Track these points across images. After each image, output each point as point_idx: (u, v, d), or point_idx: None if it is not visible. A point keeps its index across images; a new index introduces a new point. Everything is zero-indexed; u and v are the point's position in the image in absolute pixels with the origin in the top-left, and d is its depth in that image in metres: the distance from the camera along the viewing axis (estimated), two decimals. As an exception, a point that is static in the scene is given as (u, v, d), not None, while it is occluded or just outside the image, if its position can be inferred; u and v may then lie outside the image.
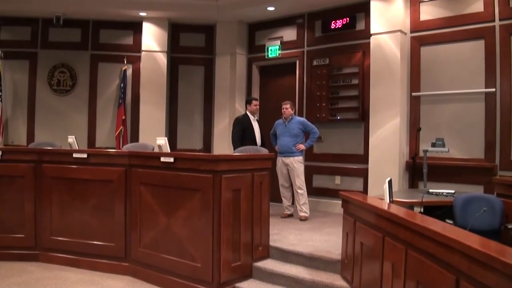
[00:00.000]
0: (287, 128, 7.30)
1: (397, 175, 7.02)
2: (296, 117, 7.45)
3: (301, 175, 7.19)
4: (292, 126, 7.26)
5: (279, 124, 7.46)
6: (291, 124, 7.29)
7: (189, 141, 9.72)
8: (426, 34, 7.14)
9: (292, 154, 7.18)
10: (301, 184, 7.15)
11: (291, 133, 7.24)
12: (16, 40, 9.48)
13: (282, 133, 7.33)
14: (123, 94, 9.41)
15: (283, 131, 7.32)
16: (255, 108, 7.63)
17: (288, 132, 7.26)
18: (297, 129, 7.26)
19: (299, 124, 7.30)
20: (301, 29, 8.75)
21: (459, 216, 4.39)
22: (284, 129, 7.32)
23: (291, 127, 7.27)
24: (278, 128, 7.44)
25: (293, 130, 7.24)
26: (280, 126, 7.41)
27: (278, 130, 7.42)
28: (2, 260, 5.79)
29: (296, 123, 7.29)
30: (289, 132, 7.25)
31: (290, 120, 7.32)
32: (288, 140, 7.22)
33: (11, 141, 9.36)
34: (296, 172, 7.15)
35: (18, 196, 5.96)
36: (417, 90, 7.20)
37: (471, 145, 6.67)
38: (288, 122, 7.31)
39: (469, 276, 2.30)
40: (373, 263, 3.67)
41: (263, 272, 5.06)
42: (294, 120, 7.33)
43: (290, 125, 7.29)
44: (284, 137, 7.28)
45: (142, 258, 5.34)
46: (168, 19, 9.42)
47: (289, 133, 7.24)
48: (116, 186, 5.58)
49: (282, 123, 7.41)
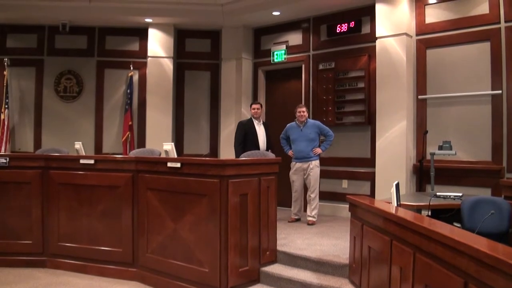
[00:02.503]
0: (303, 133, 7.06)
1: (404, 178, 7.00)
2: (310, 120, 7.22)
3: (318, 179, 7.08)
4: (309, 131, 7.04)
5: (293, 128, 7.18)
6: (307, 129, 7.06)
7: (195, 146, 9.73)
8: (432, 36, 7.13)
9: (310, 159, 7.01)
10: (316, 188, 7.03)
11: (307, 137, 7.02)
12: (23, 47, 9.54)
13: (297, 138, 7.08)
14: (129, 100, 9.44)
15: (298, 136, 7.07)
16: (254, 112, 7.55)
17: (304, 137, 7.03)
18: (314, 133, 7.06)
19: (315, 127, 7.09)
20: (306, 33, 8.76)
21: (466, 219, 4.37)
22: (300, 133, 7.07)
23: (307, 132, 7.05)
24: (293, 133, 7.16)
25: (310, 134, 7.03)
26: (295, 131, 7.14)
27: (293, 135, 7.15)
28: (9, 266, 5.80)
29: (312, 127, 7.08)
30: (306, 136, 7.03)
31: (305, 124, 7.08)
32: (305, 144, 7.01)
33: (18, 148, 9.40)
34: (314, 177, 7.00)
35: (25, 202, 5.97)
36: (423, 93, 7.19)
37: (478, 148, 6.65)
38: (304, 126, 7.07)
39: (477, 279, 2.29)
40: (381, 267, 3.66)
41: (270, 276, 5.05)
42: (309, 123, 7.11)
43: (305, 129, 7.06)
44: (300, 142, 7.04)
45: (150, 263, 5.34)
46: (174, 25, 9.45)
47: (306, 138, 7.02)
48: (123, 192, 5.59)
49: (296, 127, 7.14)
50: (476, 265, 2.29)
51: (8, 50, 9.48)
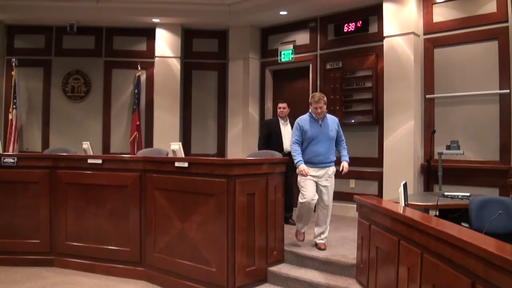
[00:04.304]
0: (322, 129, 5.48)
1: (412, 178, 6.97)
2: (329, 115, 5.65)
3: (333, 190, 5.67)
4: (329, 128, 5.51)
5: (309, 123, 5.50)
6: (326, 125, 5.51)
7: (203, 146, 9.74)
8: (439, 36, 7.10)
9: (329, 164, 5.52)
10: (331, 202, 5.62)
11: (328, 136, 5.49)
12: (30, 48, 9.60)
13: (317, 135, 5.44)
14: (137, 100, 9.47)
15: (317, 133, 5.44)
16: (280, 111, 7.07)
17: (324, 135, 5.47)
18: (334, 130, 5.57)
19: (335, 124, 5.60)
20: (314, 32, 8.75)
21: (474, 219, 4.35)
22: (319, 130, 5.46)
23: (328, 128, 5.50)
24: (310, 129, 5.47)
25: (331, 131, 5.51)
26: (312, 126, 5.48)
27: (311, 132, 5.45)
28: (17, 266, 5.83)
29: (332, 123, 5.57)
30: (326, 134, 5.48)
31: (324, 118, 5.52)
32: (327, 145, 5.47)
33: (26, 148, 9.46)
34: (331, 187, 5.58)
35: (33, 202, 6.00)
36: (431, 92, 7.16)
37: (486, 147, 6.61)
38: (322, 121, 5.50)
39: (485, 279, 2.28)
40: (389, 267, 3.66)
41: (278, 276, 5.06)
42: (328, 118, 5.57)
43: (325, 125, 5.51)
44: (320, 141, 5.44)
45: (157, 262, 5.35)
46: (181, 25, 9.46)
47: (327, 136, 5.48)
48: (131, 191, 5.60)
49: (314, 122, 5.49)
50: (483, 265, 2.28)
51: (16, 50, 9.55)
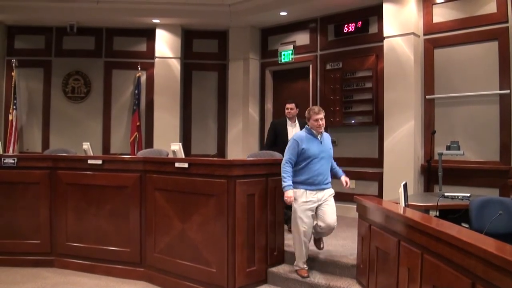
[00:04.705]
0: (323, 146, 4.98)
1: (412, 178, 6.97)
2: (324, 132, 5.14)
3: None
4: (328, 145, 5.09)
5: (308, 140, 4.90)
6: (325, 142, 5.06)
7: (203, 146, 9.74)
8: (440, 36, 7.10)
9: (329, 185, 5.05)
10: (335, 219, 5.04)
11: (329, 153, 5.04)
12: (31, 48, 9.59)
13: (317, 153, 4.87)
14: (137, 101, 9.47)
15: (318, 151, 4.89)
16: (287, 112, 6.73)
17: (326, 152, 4.98)
18: (331, 147, 5.16)
19: (329, 140, 5.19)
20: (314, 33, 8.75)
21: (474, 220, 4.35)
22: (320, 147, 4.93)
23: (327, 145, 5.07)
24: (311, 146, 4.87)
25: (330, 149, 5.09)
26: (313, 143, 4.90)
27: (312, 149, 4.86)
28: (17, 266, 5.83)
29: (328, 139, 5.16)
30: (327, 152, 5.02)
31: (322, 134, 5.03)
32: (327, 163, 5.02)
33: (26, 148, 9.46)
34: (333, 207, 5.03)
35: (33, 203, 6.00)
36: (431, 92, 7.16)
37: (486, 148, 6.61)
38: (322, 136, 5.01)
39: (485, 280, 2.29)
40: (389, 267, 3.66)
41: (278, 277, 5.05)
42: (324, 134, 5.10)
43: (324, 142, 5.04)
44: (321, 159, 4.90)
45: (157, 263, 5.35)
46: (181, 25, 9.46)
47: (327, 153, 5.01)
48: (131, 192, 5.60)
49: (313, 139, 4.93)
50: (484, 265, 2.29)
51: (16, 51, 9.55)
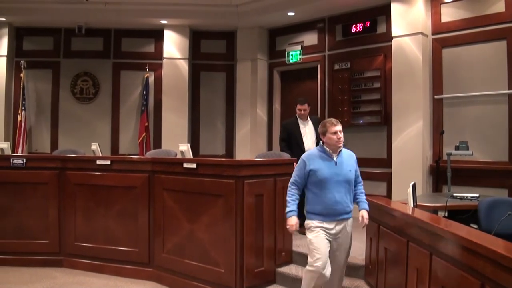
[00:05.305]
0: (339, 169, 3.97)
1: (421, 179, 6.94)
2: (344, 149, 4.12)
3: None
4: (347, 167, 4.02)
5: (320, 160, 3.98)
6: (343, 162, 4.02)
7: (211, 147, 9.76)
8: (448, 36, 7.06)
9: (349, 215, 4.04)
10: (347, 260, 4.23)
11: (346, 176, 3.99)
12: (39, 50, 9.64)
13: (330, 177, 3.92)
14: (145, 101, 9.50)
15: (332, 174, 3.93)
16: (299, 113, 6.57)
17: (342, 176, 3.96)
18: (353, 170, 4.08)
19: (352, 160, 4.12)
20: (321, 33, 8.74)
21: (483, 221, 4.32)
22: (334, 170, 3.95)
23: (345, 167, 4.01)
24: (322, 169, 3.93)
25: (349, 171, 4.02)
26: (326, 165, 3.96)
27: (323, 173, 3.92)
28: (26, 266, 5.86)
29: (349, 159, 4.10)
30: (344, 175, 3.98)
31: (340, 153, 4.05)
32: (345, 189, 3.98)
33: (35, 149, 9.51)
34: (349, 243, 4.13)
35: (42, 203, 6.02)
36: (439, 92, 7.13)
37: (495, 148, 6.57)
38: (338, 156, 4.01)
39: (494, 281, 2.27)
40: (398, 268, 3.65)
41: (286, 277, 5.05)
42: (344, 153, 4.09)
43: (342, 163, 4.01)
44: (336, 185, 3.93)
45: (166, 263, 5.36)
46: (189, 26, 9.48)
47: (344, 177, 3.97)
48: (140, 192, 5.61)
49: (327, 159, 3.98)
50: (493, 266, 2.27)
51: (24, 52, 9.61)
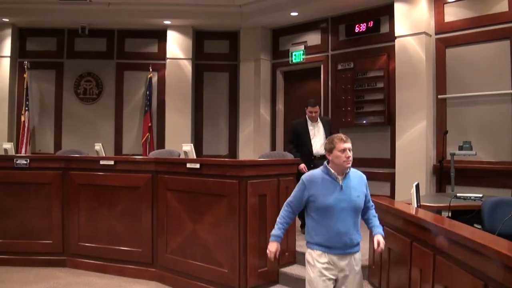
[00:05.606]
0: (344, 194, 3.34)
1: (424, 179, 6.93)
2: (353, 169, 3.49)
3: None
4: (356, 191, 3.41)
5: (323, 183, 3.37)
6: (350, 186, 3.40)
7: (214, 147, 9.76)
8: (451, 35, 7.04)
9: (355, 248, 3.44)
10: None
11: (353, 203, 3.36)
12: (42, 50, 9.65)
13: (333, 204, 3.29)
14: (148, 102, 9.50)
15: (336, 201, 3.30)
16: (310, 116, 6.33)
17: (348, 203, 3.33)
18: (362, 194, 3.46)
19: (362, 184, 3.51)
20: (325, 33, 8.73)
21: (487, 221, 4.31)
22: (339, 196, 3.33)
23: (352, 191, 3.39)
24: (324, 194, 3.32)
25: (358, 197, 3.40)
26: (329, 189, 3.34)
27: (325, 199, 3.31)
28: (30, 266, 5.87)
29: (359, 182, 3.48)
30: (351, 201, 3.35)
31: (348, 174, 3.42)
32: (351, 218, 3.37)
33: (38, 149, 9.53)
34: (358, 284, 3.47)
35: (45, 203, 6.04)
36: (443, 92, 7.11)
37: (499, 148, 6.55)
38: (345, 179, 3.38)
39: (497, 281, 2.27)
40: (401, 268, 3.64)
41: (289, 277, 5.05)
42: (352, 175, 3.46)
43: (349, 186, 3.39)
44: (341, 213, 3.31)
45: (169, 263, 5.37)
46: (192, 26, 9.49)
47: (351, 204, 3.34)
48: (143, 192, 5.62)
49: (332, 183, 3.36)
50: (496, 267, 2.27)
51: (28, 53, 9.62)
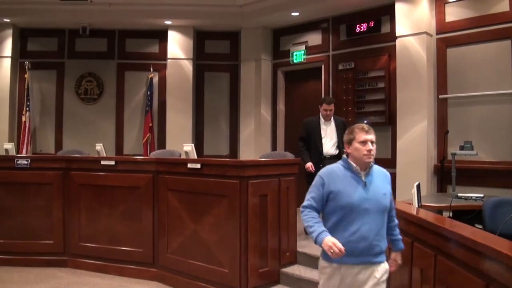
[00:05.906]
0: (369, 192, 3.02)
1: (425, 179, 6.92)
2: (376, 166, 3.19)
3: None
4: (381, 189, 3.10)
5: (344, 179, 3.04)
6: (374, 182, 3.09)
7: (215, 147, 9.75)
8: (452, 35, 7.03)
9: (380, 258, 3.02)
10: None
11: (379, 203, 3.03)
12: (43, 50, 9.65)
13: (355, 203, 2.95)
14: (149, 102, 9.49)
15: (359, 199, 2.97)
16: (325, 114, 6.28)
17: (373, 203, 2.99)
18: (388, 193, 3.13)
19: (386, 182, 3.20)
20: (326, 33, 8.72)
21: (488, 221, 4.30)
22: (363, 194, 2.99)
23: (378, 190, 3.07)
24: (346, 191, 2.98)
25: (384, 195, 3.08)
26: (351, 185, 3.01)
27: (347, 196, 2.96)
28: (31, 266, 5.88)
29: (383, 180, 3.18)
30: (376, 201, 3.01)
31: (370, 170, 3.11)
32: (376, 220, 3.00)
33: (39, 150, 9.52)
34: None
35: (46, 203, 6.05)
36: (444, 92, 7.10)
37: (500, 148, 6.54)
38: (368, 175, 3.08)
39: (498, 281, 2.26)
40: (402, 268, 3.63)
41: (290, 278, 5.05)
42: (375, 171, 3.17)
43: (373, 184, 3.07)
44: (365, 214, 2.95)
45: (170, 263, 5.37)
46: (193, 26, 9.48)
47: (376, 204, 3.01)
48: (144, 193, 5.63)
49: (354, 179, 3.04)
50: (497, 267, 2.26)
51: (29, 53, 9.61)
